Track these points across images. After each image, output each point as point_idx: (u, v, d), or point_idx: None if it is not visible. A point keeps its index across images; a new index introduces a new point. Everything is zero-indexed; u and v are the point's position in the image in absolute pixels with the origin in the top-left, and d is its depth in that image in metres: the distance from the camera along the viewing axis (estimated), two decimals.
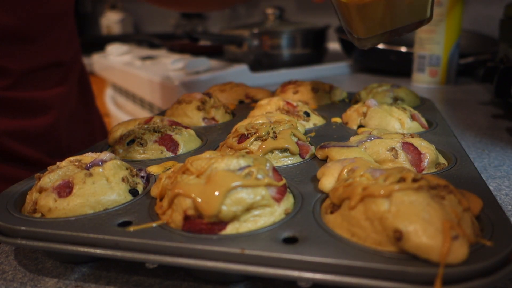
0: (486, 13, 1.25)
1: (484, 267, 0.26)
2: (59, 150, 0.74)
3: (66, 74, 0.76)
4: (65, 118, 0.75)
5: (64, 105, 0.75)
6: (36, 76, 0.68)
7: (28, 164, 0.68)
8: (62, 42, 0.74)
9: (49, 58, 0.70)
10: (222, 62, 1.21)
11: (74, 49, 0.79)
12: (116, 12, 2.69)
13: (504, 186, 0.47)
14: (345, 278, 0.27)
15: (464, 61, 1.03)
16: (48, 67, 0.71)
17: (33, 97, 0.68)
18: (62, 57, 0.74)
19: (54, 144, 0.73)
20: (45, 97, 0.70)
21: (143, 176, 0.43)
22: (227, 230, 0.32)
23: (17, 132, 0.66)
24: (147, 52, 1.59)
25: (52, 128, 0.72)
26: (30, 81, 0.67)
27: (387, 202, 0.29)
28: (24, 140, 0.67)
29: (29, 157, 0.68)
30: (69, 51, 0.76)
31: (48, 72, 0.71)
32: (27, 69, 0.66)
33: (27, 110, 0.67)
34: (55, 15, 0.70)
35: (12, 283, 0.34)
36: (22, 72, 0.66)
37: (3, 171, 0.65)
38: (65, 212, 0.35)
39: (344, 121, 0.59)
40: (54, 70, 0.72)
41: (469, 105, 0.82)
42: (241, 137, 0.47)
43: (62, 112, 0.74)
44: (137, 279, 0.33)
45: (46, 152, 0.71)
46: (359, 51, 1.18)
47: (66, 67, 0.75)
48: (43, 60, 0.69)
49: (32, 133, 0.68)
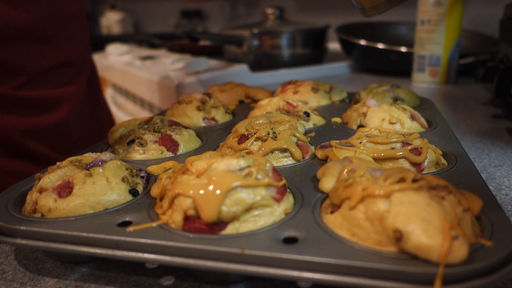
0: (486, 13, 1.25)
1: (484, 267, 0.26)
2: (68, 146, 0.76)
3: (76, 72, 0.78)
4: (75, 115, 0.77)
5: (74, 102, 0.77)
6: (48, 75, 0.70)
7: (38, 160, 0.70)
8: (73, 41, 0.76)
9: (60, 58, 0.72)
10: (222, 62, 1.21)
11: (84, 48, 0.81)
12: (116, 12, 2.69)
13: (504, 186, 0.47)
14: (345, 278, 0.27)
15: (464, 61, 1.03)
16: (59, 66, 0.72)
17: (44, 95, 0.70)
18: (73, 56, 0.76)
19: (64, 140, 0.75)
20: (56, 95, 0.72)
21: (143, 176, 0.43)
22: (227, 230, 0.32)
23: (28, 128, 0.68)
24: (147, 52, 1.59)
25: (62, 125, 0.73)
26: (41, 80, 0.69)
27: (387, 202, 0.29)
28: (35, 136, 0.69)
29: (39, 153, 0.70)
30: (79, 50, 0.78)
31: (59, 71, 0.73)
32: (39, 68, 0.68)
33: (38, 108, 0.69)
34: (68, 15, 0.72)
35: (12, 283, 0.34)
36: (35, 71, 0.68)
37: (13, 167, 0.67)
38: (65, 212, 0.35)
39: (344, 121, 0.59)
40: (65, 69, 0.74)
41: (469, 105, 0.82)
42: (241, 137, 0.47)
43: (72, 109, 0.76)
44: (137, 279, 0.33)
45: (56, 148, 0.73)
46: (359, 51, 1.18)
47: (76, 65, 0.77)
48: (55, 59, 0.71)
49: (43, 130, 0.70)
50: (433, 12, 0.95)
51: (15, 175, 0.64)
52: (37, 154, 0.70)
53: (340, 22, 1.38)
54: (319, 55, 1.28)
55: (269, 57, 1.21)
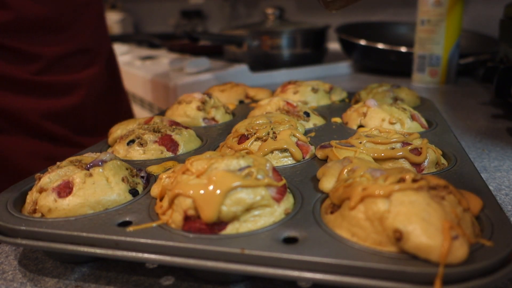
0: (486, 13, 1.25)
1: (484, 267, 0.26)
2: (84, 128, 0.81)
3: (92, 59, 0.82)
4: (92, 99, 0.82)
5: (90, 87, 0.81)
6: (64, 61, 0.76)
7: (56, 141, 0.76)
8: (89, 29, 0.80)
9: (76, 45, 0.77)
10: (222, 62, 1.21)
11: (101, 35, 0.86)
12: (116, 12, 2.69)
13: (504, 186, 0.47)
14: (345, 278, 0.27)
15: (464, 61, 1.03)
16: (76, 53, 0.77)
17: (61, 80, 0.75)
18: (89, 44, 0.80)
19: (80, 122, 0.81)
20: (72, 80, 0.77)
21: (143, 176, 0.43)
22: (227, 230, 0.32)
23: (46, 111, 0.74)
24: (147, 52, 1.59)
25: (78, 108, 0.79)
26: (58, 66, 0.75)
27: (387, 202, 0.29)
28: (52, 118, 0.75)
29: (57, 134, 0.76)
30: (95, 37, 0.83)
31: (76, 57, 0.78)
32: (56, 55, 0.74)
33: (55, 92, 0.75)
34: (82, 4, 0.77)
35: (12, 283, 0.34)
36: (52, 58, 0.73)
37: (33, 147, 0.73)
38: (65, 212, 0.35)
39: (344, 121, 0.59)
40: (81, 55, 0.79)
41: (469, 105, 0.82)
42: (241, 137, 0.47)
43: (88, 94, 0.80)
44: (137, 279, 0.33)
45: (73, 129, 0.79)
46: (359, 51, 1.18)
47: (93, 52, 0.82)
48: (71, 46, 0.76)
49: (60, 112, 0.76)
50: (433, 12, 0.95)
51: (34, 155, 0.71)
52: (55, 135, 0.75)
53: (340, 22, 1.38)
54: (319, 55, 1.28)
55: (269, 57, 1.21)
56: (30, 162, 0.68)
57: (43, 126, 0.73)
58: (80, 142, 0.79)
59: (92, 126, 0.83)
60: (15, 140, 0.72)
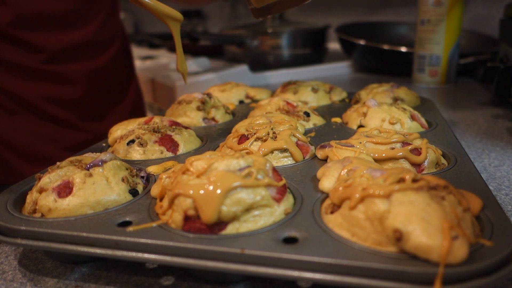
0: (486, 13, 1.25)
1: (484, 267, 0.26)
2: (90, 115, 0.86)
3: (100, 51, 0.87)
4: (98, 88, 0.86)
5: (96, 77, 0.86)
6: (69, 53, 0.80)
7: (60, 123, 0.82)
8: (95, 24, 0.84)
9: (81, 39, 0.82)
10: (222, 62, 1.21)
11: (110, 30, 0.89)
12: None
13: (504, 186, 0.47)
14: (345, 278, 0.27)
15: (464, 61, 1.03)
16: (81, 46, 0.82)
17: (66, 70, 0.81)
18: (96, 38, 0.85)
19: (85, 109, 0.85)
20: (76, 70, 0.82)
21: (143, 176, 0.43)
22: (227, 230, 0.32)
23: (51, 96, 0.79)
24: (147, 52, 1.59)
25: (82, 96, 0.84)
26: (63, 57, 0.80)
27: (387, 202, 0.29)
28: (57, 103, 0.80)
29: (60, 118, 0.81)
30: (103, 32, 0.86)
31: (81, 50, 0.82)
32: (60, 47, 0.79)
33: (60, 80, 0.80)
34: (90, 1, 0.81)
35: (12, 283, 0.34)
36: (56, 50, 0.78)
37: (38, 128, 0.79)
38: (65, 212, 0.35)
39: (344, 121, 0.59)
40: (86, 48, 0.84)
41: (469, 105, 0.82)
42: (241, 137, 0.47)
43: (93, 84, 0.85)
44: (137, 279, 0.33)
45: (78, 115, 0.84)
46: (359, 51, 1.18)
47: (101, 44, 0.86)
48: (76, 40, 0.81)
49: (64, 99, 0.81)
50: (433, 12, 0.95)
51: (40, 135, 0.79)
52: (58, 119, 0.81)
53: (340, 22, 1.38)
54: (319, 55, 1.28)
55: (269, 57, 1.21)
56: (37, 143, 0.78)
57: (46, 109, 0.79)
58: (84, 127, 0.85)
59: (99, 114, 0.88)
60: (24, 121, 0.78)
